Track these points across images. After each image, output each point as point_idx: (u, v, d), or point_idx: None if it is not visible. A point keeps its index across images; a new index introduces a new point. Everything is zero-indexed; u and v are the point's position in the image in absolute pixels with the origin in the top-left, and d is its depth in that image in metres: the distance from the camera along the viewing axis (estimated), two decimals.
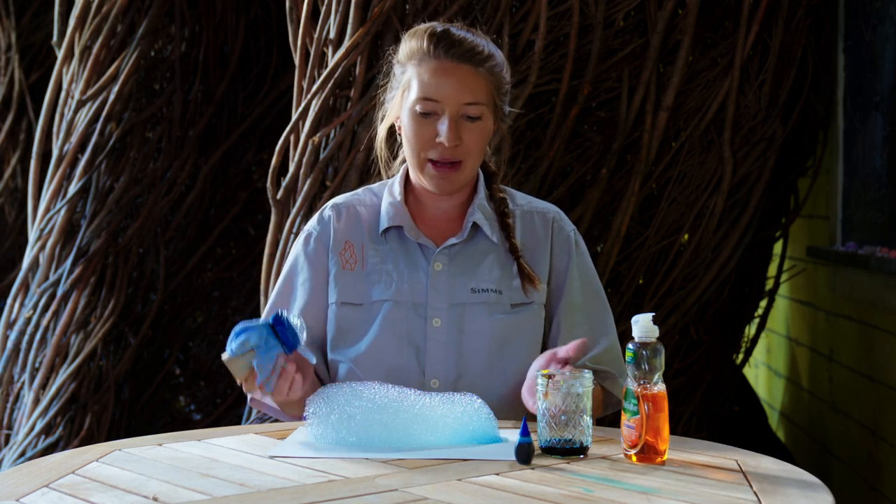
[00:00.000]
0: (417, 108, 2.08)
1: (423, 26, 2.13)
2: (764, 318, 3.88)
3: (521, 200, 2.22)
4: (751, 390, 4.18)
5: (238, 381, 1.94)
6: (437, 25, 2.12)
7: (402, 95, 2.12)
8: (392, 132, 2.20)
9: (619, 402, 2.13)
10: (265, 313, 2.19)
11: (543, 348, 2.14)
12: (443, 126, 2.06)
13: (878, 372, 3.28)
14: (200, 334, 4.53)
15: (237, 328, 1.92)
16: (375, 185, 2.24)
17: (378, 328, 2.09)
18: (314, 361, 2.10)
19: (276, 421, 2.39)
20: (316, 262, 2.15)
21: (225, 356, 1.91)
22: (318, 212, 2.21)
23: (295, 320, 1.91)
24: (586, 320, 2.15)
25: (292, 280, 2.17)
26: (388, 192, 2.19)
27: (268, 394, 1.94)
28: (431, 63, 2.08)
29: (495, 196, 2.18)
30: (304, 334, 1.92)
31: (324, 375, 2.14)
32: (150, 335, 4.21)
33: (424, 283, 2.10)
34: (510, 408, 2.06)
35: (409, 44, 2.11)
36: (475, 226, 2.14)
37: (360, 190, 2.24)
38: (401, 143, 2.16)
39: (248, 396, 2.21)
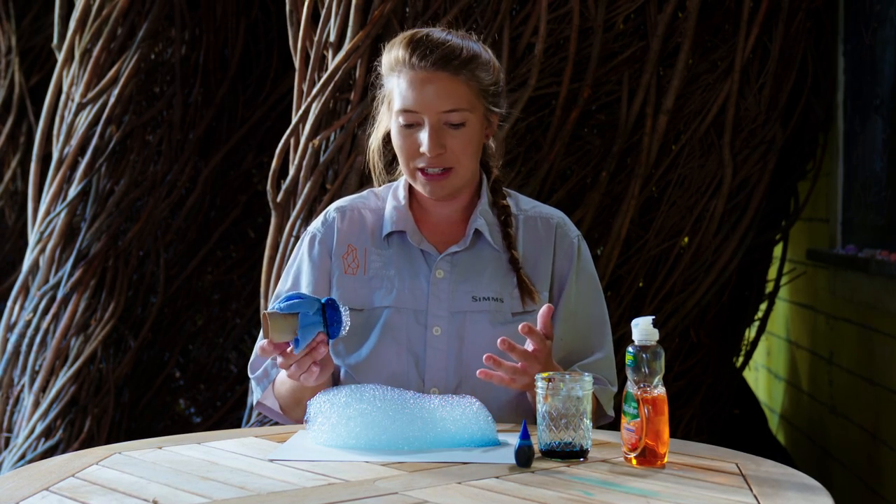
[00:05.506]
0: (400, 119, 2.07)
1: (401, 35, 2.12)
2: (764, 321, 3.88)
3: (525, 205, 2.20)
4: (751, 393, 4.18)
5: (265, 340, 1.90)
6: (418, 32, 2.10)
7: (388, 107, 2.11)
8: (388, 141, 2.20)
9: (606, 416, 2.12)
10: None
11: None
12: (424, 136, 2.05)
13: (878, 375, 3.28)
14: (200, 337, 4.53)
15: (291, 293, 1.91)
16: (380, 189, 2.22)
17: (378, 335, 2.08)
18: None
19: (276, 424, 2.39)
20: (320, 265, 2.14)
21: (268, 311, 1.89)
22: (323, 213, 2.20)
23: (345, 312, 1.91)
24: (582, 329, 2.14)
25: (296, 283, 2.16)
26: (392, 195, 2.18)
27: (289, 363, 1.91)
28: (409, 74, 2.05)
29: (498, 203, 2.16)
30: (346, 329, 1.91)
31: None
32: (150, 338, 4.21)
33: (425, 291, 2.09)
34: (510, 415, 2.06)
35: (389, 54, 2.10)
36: (477, 232, 2.13)
37: (364, 192, 2.23)
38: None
39: (254, 400, 2.20)
